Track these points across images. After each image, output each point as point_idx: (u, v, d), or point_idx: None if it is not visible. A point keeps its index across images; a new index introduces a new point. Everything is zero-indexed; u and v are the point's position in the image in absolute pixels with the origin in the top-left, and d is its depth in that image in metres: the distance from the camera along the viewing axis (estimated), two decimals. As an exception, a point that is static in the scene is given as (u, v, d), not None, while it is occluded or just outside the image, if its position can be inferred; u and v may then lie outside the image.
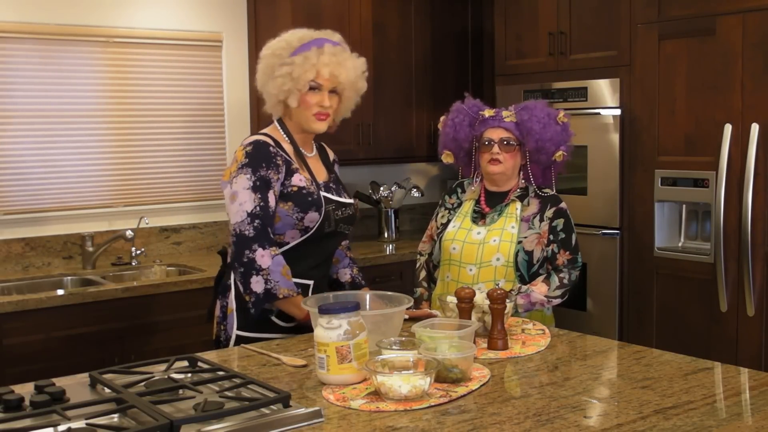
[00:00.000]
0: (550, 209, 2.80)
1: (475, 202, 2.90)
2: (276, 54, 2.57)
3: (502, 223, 2.79)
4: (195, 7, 4.24)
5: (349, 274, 2.84)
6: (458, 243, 2.81)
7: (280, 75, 2.54)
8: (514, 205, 2.82)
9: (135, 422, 1.65)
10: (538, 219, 2.79)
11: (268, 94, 2.62)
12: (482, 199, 2.89)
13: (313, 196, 2.54)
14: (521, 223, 2.78)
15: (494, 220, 2.82)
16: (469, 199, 2.92)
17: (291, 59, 2.55)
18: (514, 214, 2.80)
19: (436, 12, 4.83)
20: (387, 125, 4.68)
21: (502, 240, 2.75)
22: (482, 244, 2.76)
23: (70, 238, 3.93)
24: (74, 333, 3.32)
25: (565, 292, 2.75)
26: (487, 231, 2.79)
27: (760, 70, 3.37)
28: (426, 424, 1.68)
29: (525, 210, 2.81)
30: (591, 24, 4.06)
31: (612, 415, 1.74)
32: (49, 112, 3.86)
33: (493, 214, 2.84)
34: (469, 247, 2.78)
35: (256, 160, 2.49)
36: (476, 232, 2.80)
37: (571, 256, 2.78)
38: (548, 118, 2.80)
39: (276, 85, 2.56)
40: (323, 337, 1.91)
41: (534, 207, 2.81)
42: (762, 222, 3.40)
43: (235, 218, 2.47)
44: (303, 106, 2.57)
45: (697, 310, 3.66)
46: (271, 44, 2.63)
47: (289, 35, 2.62)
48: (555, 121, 2.81)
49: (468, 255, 2.78)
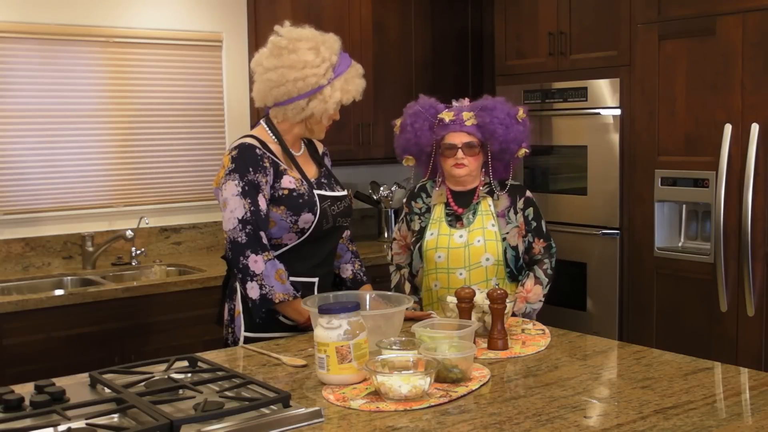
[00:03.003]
0: (520, 200, 2.82)
1: (445, 205, 2.85)
2: (320, 74, 2.51)
3: (480, 222, 2.77)
4: (195, 7, 4.24)
5: (350, 270, 2.84)
6: (442, 251, 2.77)
7: (333, 101, 2.53)
8: (486, 202, 2.81)
9: (135, 422, 1.65)
10: (512, 212, 2.80)
11: (298, 107, 2.55)
12: (450, 200, 2.85)
13: (305, 197, 2.53)
14: (498, 219, 2.78)
15: (471, 220, 2.79)
16: (438, 203, 2.87)
17: (339, 83, 2.53)
18: (488, 211, 2.79)
19: (436, 12, 4.83)
20: (387, 125, 4.64)
21: (487, 239, 2.73)
22: (467, 247, 2.74)
23: (70, 238, 3.93)
24: (74, 333, 3.32)
25: (551, 281, 2.79)
26: (468, 232, 2.76)
27: (760, 70, 3.37)
28: (426, 424, 1.68)
29: (497, 205, 2.81)
30: (591, 24, 4.06)
31: (612, 415, 1.74)
32: (49, 112, 3.85)
33: (468, 214, 2.80)
34: (454, 252, 2.75)
35: (242, 164, 2.48)
36: (458, 236, 2.77)
37: (545, 243, 2.81)
38: (509, 119, 2.75)
39: (321, 108, 2.54)
40: (323, 337, 1.91)
41: (505, 201, 2.81)
42: (762, 222, 3.40)
43: (228, 225, 2.47)
44: (327, 121, 2.61)
45: (697, 310, 3.66)
46: (307, 58, 2.51)
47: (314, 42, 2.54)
48: (516, 121, 2.77)
49: (455, 260, 2.75)
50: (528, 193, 2.86)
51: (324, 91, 2.52)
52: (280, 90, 2.53)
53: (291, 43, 2.54)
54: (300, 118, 2.58)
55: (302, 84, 2.51)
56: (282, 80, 2.52)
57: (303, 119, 2.58)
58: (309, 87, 2.51)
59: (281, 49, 2.54)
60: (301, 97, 2.52)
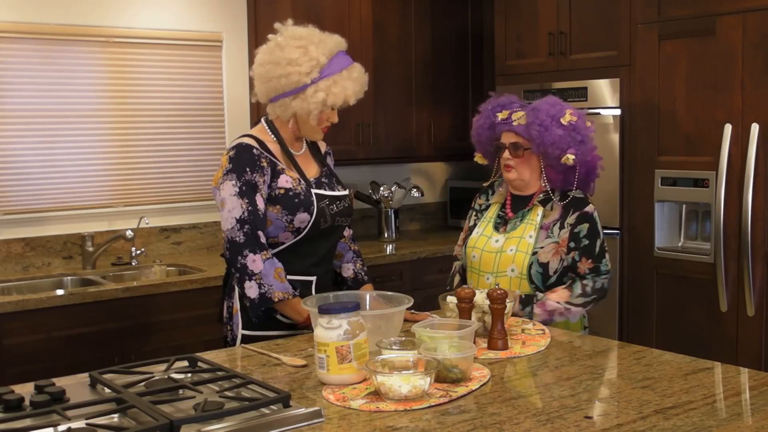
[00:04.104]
0: (573, 215, 2.66)
1: (500, 206, 2.81)
2: (304, 72, 2.50)
3: (521, 231, 2.67)
4: (195, 7, 4.24)
5: (351, 270, 2.84)
6: (477, 251, 2.72)
7: (315, 101, 2.51)
8: (536, 211, 2.69)
9: (135, 422, 1.65)
10: (558, 227, 2.65)
11: (284, 105, 2.55)
12: (508, 203, 2.79)
13: (301, 197, 2.54)
14: (540, 231, 2.65)
15: (515, 227, 2.70)
16: (496, 203, 2.83)
17: (324, 84, 2.51)
18: (534, 221, 2.67)
19: (436, 12, 4.83)
20: (387, 125, 4.68)
21: (518, 250, 2.63)
22: (500, 253, 2.66)
23: (70, 238, 3.93)
24: (74, 333, 3.32)
25: (588, 301, 2.60)
26: (505, 239, 2.68)
27: (760, 70, 3.37)
28: (426, 424, 1.68)
29: (547, 216, 2.67)
30: (591, 24, 4.06)
31: (612, 415, 1.74)
32: (49, 112, 3.86)
33: (515, 221, 2.72)
34: (487, 256, 2.69)
35: (239, 164, 2.49)
36: (495, 240, 2.70)
37: (593, 265, 2.62)
38: (550, 121, 2.62)
39: (304, 107, 2.53)
40: (323, 337, 1.91)
41: (556, 213, 2.67)
42: (762, 222, 3.40)
43: (226, 225, 2.48)
44: (316, 122, 2.59)
45: (697, 310, 3.66)
46: (291, 56, 2.51)
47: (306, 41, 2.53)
48: (558, 124, 2.62)
49: (486, 263, 2.69)
50: (588, 209, 2.67)
51: (306, 91, 2.51)
52: (267, 86, 2.56)
53: (285, 40, 2.56)
54: (286, 117, 2.58)
55: (285, 81, 2.51)
56: (268, 76, 2.54)
57: (289, 118, 2.59)
58: (292, 85, 2.51)
59: (275, 46, 2.57)
60: (286, 95, 2.53)
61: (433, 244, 4.58)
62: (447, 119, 4.91)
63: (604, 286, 2.65)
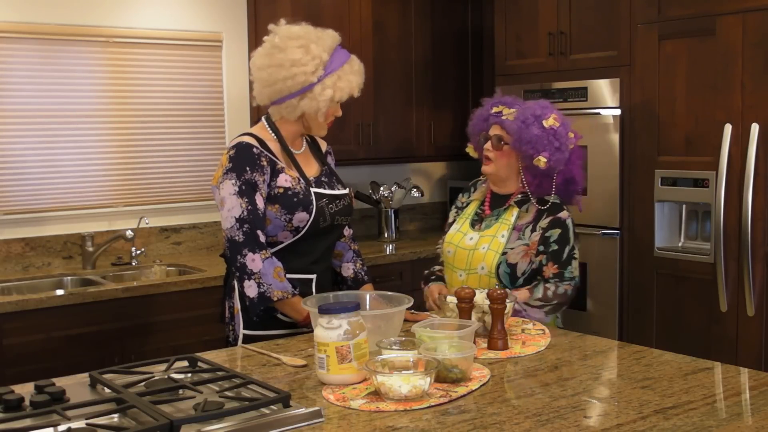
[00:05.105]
0: (546, 218, 2.67)
1: (479, 204, 2.84)
2: (309, 72, 2.50)
3: (495, 230, 2.70)
4: (195, 7, 4.24)
5: (351, 269, 2.84)
6: (453, 247, 2.76)
7: (324, 99, 2.51)
8: (512, 211, 2.72)
9: (135, 422, 1.65)
10: (529, 229, 2.66)
11: (291, 106, 2.55)
12: (487, 200, 2.82)
13: (300, 196, 2.53)
14: (512, 231, 2.68)
15: (489, 225, 2.73)
16: (476, 200, 2.86)
17: (330, 81, 2.52)
18: (509, 221, 2.70)
19: (436, 11, 4.83)
20: (387, 125, 4.68)
21: (490, 248, 2.66)
22: (473, 251, 2.70)
23: (70, 238, 3.93)
24: (74, 333, 3.32)
25: (547, 305, 2.60)
26: (479, 237, 2.71)
27: (760, 70, 3.37)
28: (426, 424, 1.68)
29: (522, 218, 2.69)
30: (591, 24, 4.06)
31: (612, 415, 1.74)
32: (49, 112, 3.85)
33: (491, 219, 2.75)
34: (461, 252, 2.73)
35: (239, 163, 2.49)
36: (469, 237, 2.74)
37: (557, 270, 2.63)
38: (533, 119, 2.63)
39: (313, 106, 2.53)
40: (323, 337, 1.91)
41: (530, 215, 2.69)
42: (762, 222, 3.40)
43: (225, 224, 2.48)
44: (323, 118, 2.59)
45: (697, 310, 3.66)
46: (294, 57, 2.50)
47: (305, 40, 2.53)
48: (539, 124, 2.63)
49: (460, 260, 2.73)
50: (562, 215, 2.67)
51: (314, 89, 2.52)
52: (272, 89, 2.55)
53: (282, 41, 2.55)
54: (294, 117, 2.58)
55: (291, 83, 2.51)
56: (272, 79, 2.53)
57: (298, 117, 2.59)
58: (299, 85, 2.51)
59: (273, 48, 2.56)
60: (292, 96, 2.53)
61: (433, 244, 4.54)
62: (447, 119, 4.91)
63: (567, 292, 2.65)
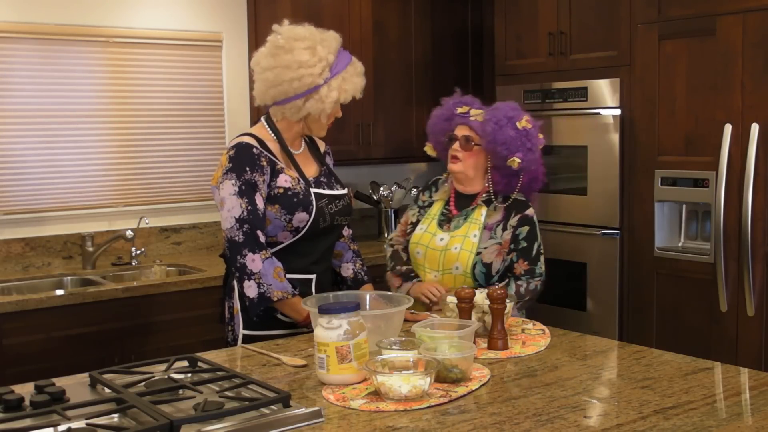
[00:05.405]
0: (515, 217, 2.72)
1: (444, 204, 2.85)
2: (317, 74, 2.50)
3: (465, 230, 2.72)
4: (195, 7, 4.24)
5: (351, 269, 2.84)
6: (422, 248, 2.78)
7: (330, 100, 2.52)
8: (480, 211, 2.75)
9: (135, 422, 1.65)
10: (501, 228, 2.71)
11: (295, 107, 2.55)
12: (452, 200, 2.83)
13: (300, 197, 2.54)
14: (484, 231, 2.71)
15: (459, 225, 2.75)
16: (440, 200, 2.87)
17: (336, 82, 2.53)
18: (478, 221, 2.73)
19: (436, 11, 4.83)
20: (387, 125, 4.68)
21: (463, 248, 2.68)
22: (444, 251, 2.71)
23: (70, 238, 3.93)
24: (74, 333, 3.32)
25: (519, 302, 2.65)
26: (450, 237, 2.73)
27: (760, 70, 3.36)
28: (426, 424, 1.68)
29: (490, 216, 2.73)
30: (591, 24, 4.06)
31: (612, 415, 1.74)
32: (49, 112, 3.85)
33: (459, 219, 2.77)
34: (432, 253, 2.74)
35: (239, 164, 2.49)
36: (439, 238, 2.75)
37: (528, 267, 2.68)
38: (506, 121, 2.68)
39: (318, 107, 2.53)
40: (323, 337, 1.91)
41: (499, 214, 2.73)
42: (762, 222, 3.40)
43: (225, 224, 2.48)
44: (326, 119, 2.60)
45: (697, 310, 3.66)
46: (302, 58, 2.50)
47: (311, 42, 2.53)
48: (512, 126, 2.68)
49: (431, 261, 2.74)
50: (529, 212, 2.73)
51: (320, 91, 2.52)
52: (277, 90, 2.54)
53: (288, 42, 2.54)
54: (298, 118, 2.58)
55: (298, 84, 2.51)
56: (278, 80, 2.52)
57: (301, 118, 2.59)
58: (305, 87, 2.51)
59: (278, 49, 2.54)
60: (298, 97, 2.53)
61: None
62: (447, 119, 4.91)
63: (537, 287, 2.71)
